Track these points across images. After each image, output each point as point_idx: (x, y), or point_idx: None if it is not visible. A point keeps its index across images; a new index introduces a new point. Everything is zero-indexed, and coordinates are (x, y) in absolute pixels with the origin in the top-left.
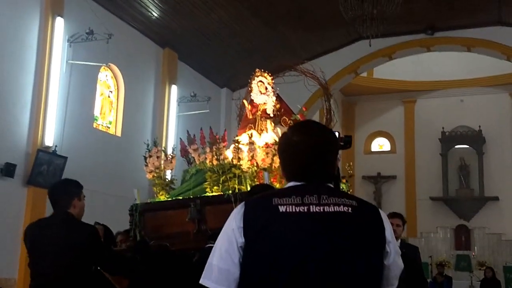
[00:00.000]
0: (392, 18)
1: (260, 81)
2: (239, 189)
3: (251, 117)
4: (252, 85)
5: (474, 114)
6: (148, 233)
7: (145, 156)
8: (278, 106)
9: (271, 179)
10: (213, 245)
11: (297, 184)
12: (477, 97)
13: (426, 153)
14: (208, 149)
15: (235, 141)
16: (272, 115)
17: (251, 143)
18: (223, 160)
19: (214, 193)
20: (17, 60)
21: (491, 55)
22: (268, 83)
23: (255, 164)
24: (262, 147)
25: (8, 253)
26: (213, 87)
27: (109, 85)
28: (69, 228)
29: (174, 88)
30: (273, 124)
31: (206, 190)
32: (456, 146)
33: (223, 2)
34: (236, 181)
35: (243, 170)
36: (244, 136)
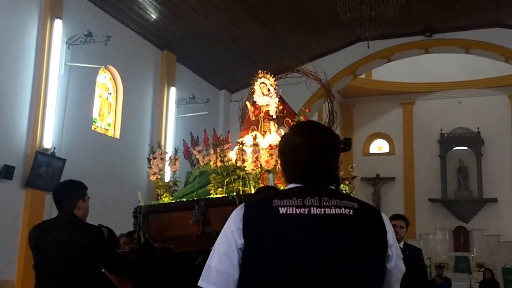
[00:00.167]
0: (390, 20)
1: (263, 83)
2: (243, 191)
3: (254, 119)
4: (255, 87)
5: (473, 116)
6: (152, 235)
7: (149, 158)
8: (281, 108)
9: (276, 181)
10: None
11: (298, 186)
12: (476, 99)
13: (425, 155)
14: (212, 151)
15: (239, 143)
16: (275, 117)
17: (255, 145)
18: (227, 162)
19: (218, 195)
20: (16, 62)
21: (490, 57)
22: (271, 85)
23: (259, 166)
24: (266, 149)
25: (7, 255)
26: (212, 89)
27: (108, 87)
28: (73, 230)
29: (173, 90)
30: (276, 126)
31: (210, 192)
32: (455, 148)
33: (222, 5)
34: (240, 183)
35: (247, 172)
36: (248, 138)
